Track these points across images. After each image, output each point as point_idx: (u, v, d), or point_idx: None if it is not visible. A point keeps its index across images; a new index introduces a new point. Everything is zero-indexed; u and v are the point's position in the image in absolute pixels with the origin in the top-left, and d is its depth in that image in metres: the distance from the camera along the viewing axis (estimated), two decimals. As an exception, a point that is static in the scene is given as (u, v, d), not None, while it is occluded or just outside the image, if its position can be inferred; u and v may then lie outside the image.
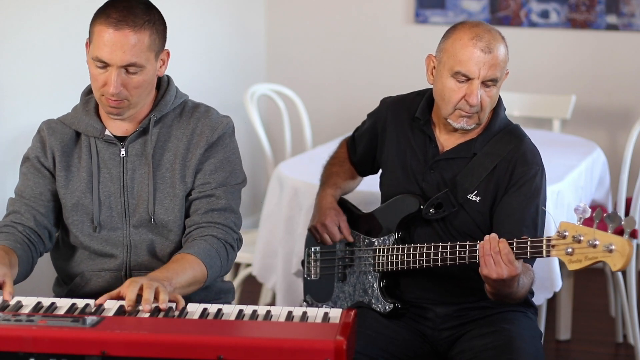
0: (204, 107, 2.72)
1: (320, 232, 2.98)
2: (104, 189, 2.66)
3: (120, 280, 2.65)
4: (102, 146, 2.67)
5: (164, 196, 2.65)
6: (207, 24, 5.28)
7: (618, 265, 2.37)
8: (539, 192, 2.77)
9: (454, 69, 2.72)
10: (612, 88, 5.37)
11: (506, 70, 2.78)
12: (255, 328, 2.18)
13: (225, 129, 2.69)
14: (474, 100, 2.71)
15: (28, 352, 2.08)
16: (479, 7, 5.45)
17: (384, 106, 3.01)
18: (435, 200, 2.80)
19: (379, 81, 5.64)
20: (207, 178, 2.66)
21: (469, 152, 2.81)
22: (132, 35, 2.51)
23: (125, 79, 2.54)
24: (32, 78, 3.88)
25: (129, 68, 2.53)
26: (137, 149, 2.66)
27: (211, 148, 2.66)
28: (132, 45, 2.51)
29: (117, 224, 2.66)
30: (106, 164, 2.66)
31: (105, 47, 2.52)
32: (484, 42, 2.70)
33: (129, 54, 2.51)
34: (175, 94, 2.70)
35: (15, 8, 3.77)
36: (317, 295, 3.06)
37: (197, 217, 2.65)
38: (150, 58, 2.57)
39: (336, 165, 3.14)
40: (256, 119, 4.72)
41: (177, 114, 2.70)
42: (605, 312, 4.70)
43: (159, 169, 2.65)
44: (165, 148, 2.66)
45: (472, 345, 2.76)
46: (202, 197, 2.66)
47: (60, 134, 2.68)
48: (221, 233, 2.63)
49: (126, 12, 2.52)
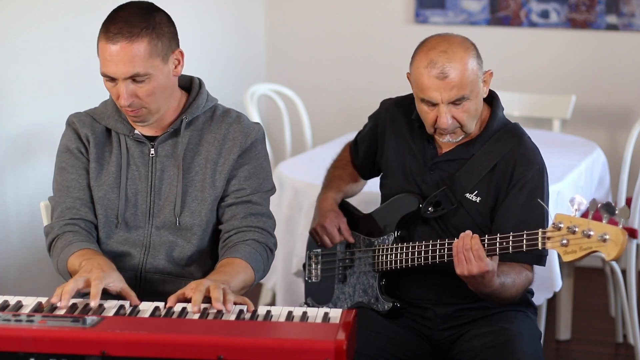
0: (235, 112, 2.72)
1: (320, 234, 2.98)
2: (132, 186, 2.66)
3: (133, 281, 2.64)
4: (131, 144, 2.67)
5: (191, 199, 2.64)
6: (207, 24, 5.28)
7: (612, 254, 2.37)
8: (542, 192, 2.77)
9: (419, 95, 2.74)
10: (612, 88, 5.37)
11: (486, 71, 2.76)
12: (255, 328, 2.18)
13: (258, 136, 2.69)
14: (443, 124, 2.71)
15: (28, 352, 2.08)
16: (479, 7, 5.45)
17: (384, 108, 3.01)
18: (433, 198, 2.80)
19: (379, 81, 5.64)
20: (242, 184, 2.66)
21: (468, 153, 2.81)
22: (129, 46, 2.50)
23: (134, 89, 2.53)
24: (32, 78, 3.88)
25: (135, 78, 2.52)
26: (167, 149, 2.66)
27: (244, 154, 2.66)
28: (131, 56, 2.50)
29: (140, 222, 2.66)
30: (135, 161, 2.66)
31: (108, 63, 2.52)
32: (438, 69, 2.67)
33: (129, 65, 2.50)
34: (206, 98, 2.70)
35: (15, 8, 3.77)
36: (318, 298, 3.06)
37: (236, 221, 2.64)
38: (155, 64, 2.54)
39: (339, 169, 3.14)
40: (256, 119, 4.73)
41: (208, 117, 2.69)
42: (605, 312, 4.70)
43: (189, 171, 2.65)
44: (197, 151, 2.66)
45: (472, 345, 2.76)
46: (240, 202, 2.65)
47: (91, 126, 2.68)
48: (262, 237, 2.64)
49: (122, 24, 2.51)
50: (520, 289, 2.73)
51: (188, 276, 2.66)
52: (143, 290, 2.63)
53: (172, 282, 2.66)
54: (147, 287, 2.65)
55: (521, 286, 2.72)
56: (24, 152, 3.82)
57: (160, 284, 2.66)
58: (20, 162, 3.80)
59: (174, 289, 2.62)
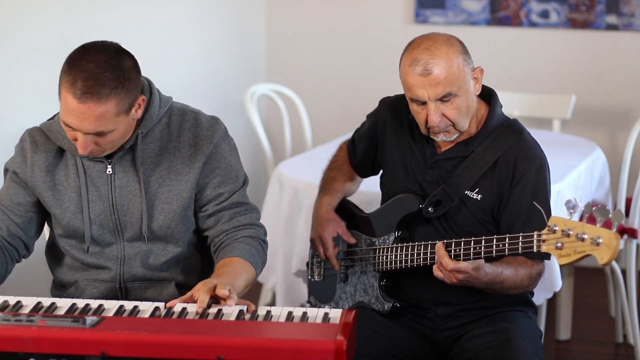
0: (191, 113, 2.64)
1: (316, 245, 3.00)
2: (94, 208, 2.60)
3: (115, 292, 2.64)
4: (88, 164, 2.60)
5: (158, 212, 2.60)
6: (207, 24, 5.28)
7: (605, 258, 2.36)
8: (545, 186, 2.77)
9: (407, 95, 2.74)
10: (612, 88, 5.37)
11: (476, 68, 2.75)
12: (255, 328, 2.18)
13: (219, 135, 2.62)
14: (433, 122, 2.71)
15: (28, 352, 2.08)
16: (479, 7, 5.44)
17: (383, 106, 3.01)
18: (433, 198, 2.80)
19: (379, 81, 5.63)
20: (218, 190, 2.63)
21: (467, 151, 2.81)
22: (97, 108, 2.38)
23: (95, 139, 2.45)
24: (31, 79, 3.88)
25: (98, 134, 2.43)
26: (124, 165, 2.58)
27: (210, 160, 2.61)
28: (97, 117, 2.39)
29: (110, 239, 2.63)
30: (94, 182, 2.60)
31: (70, 116, 2.41)
32: (421, 66, 2.67)
33: (94, 124, 2.40)
34: (159, 104, 2.59)
35: (15, 8, 3.77)
36: (321, 297, 3.07)
37: (223, 225, 2.63)
38: (120, 120, 2.44)
39: (334, 170, 3.14)
40: (256, 119, 4.72)
41: (164, 125, 2.61)
42: (605, 312, 4.70)
43: (150, 185, 2.59)
44: (157, 163, 2.59)
45: (472, 345, 2.76)
46: (222, 208, 2.63)
47: (44, 151, 2.61)
48: (252, 232, 2.64)
49: (92, 82, 2.37)
50: (527, 277, 2.71)
51: (168, 279, 2.66)
52: (127, 299, 2.61)
53: (153, 287, 2.66)
54: (130, 296, 2.65)
55: (527, 275, 2.71)
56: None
57: (142, 291, 2.66)
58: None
59: (155, 293, 2.64)
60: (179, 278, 2.68)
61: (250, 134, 5.13)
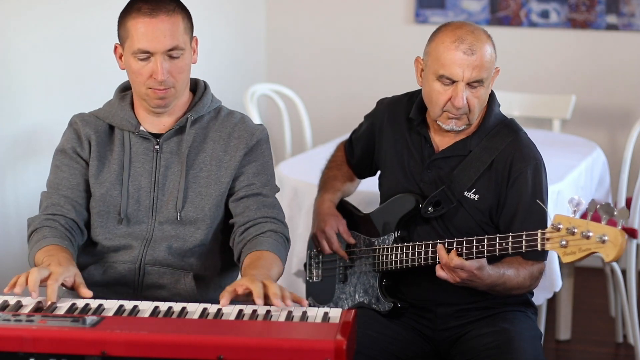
0: (239, 114, 2.76)
1: (319, 239, 2.99)
2: (134, 183, 2.67)
3: (133, 273, 2.66)
4: (136, 141, 2.69)
5: (195, 195, 2.66)
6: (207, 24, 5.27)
7: (611, 255, 2.37)
8: (541, 186, 2.77)
9: (438, 72, 2.72)
10: (612, 88, 5.37)
11: (495, 68, 2.78)
12: (255, 328, 2.18)
13: (262, 135, 2.73)
14: (459, 103, 2.71)
15: (28, 352, 2.08)
16: (479, 7, 5.45)
17: (381, 107, 3.01)
18: (432, 198, 2.80)
19: (379, 81, 5.64)
20: (252, 179, 2.69)
21: (465, 150, 2.82)
22: (168, 19, 2.56)
23: (169, 65, 2.58)
24: (33, 79, 3.88)
25: (172, 53, 2.57)
26: (171, 146, 2.68)
27: (251, 152, 2.69)
28: (171, 29, 2.56)
29: (143, 218, 2.67)
30: (139, 157, 2.68)
31: (145, 37, 2.55)
32: (467, 44, 2.70)
33: (170, 37, 2.56)
34: (211, 99, 2.74)
35: (16, 8, 3.77)
36: (319, 298, 3.06)
37: (250, 213, 2.67)
38: (187, 41, 2.62)
39: (334, 169, 3.14)
40: (256, 119, 4.72)
41: (212, 117, 2.73)
42: (605, 312, 4.70)
43: (192, 168, 2.67)
44: (201, 149, 2.69)
45: (473, 345, 2.76)
46: (251, 195, 2.68)
47: (94, 126, 2.70)
48: (278, 227, 2.67)
49: (155, 2, 2.57)
50: (528, 277, 2.72)
51: (187, 268, 2.68)
52: (142, 281, 2.67)
53: (171, 274, 2.67)
54: (146, 279, 2.67)
55: (528, 274, 2.72)
56: (24, 152, 3.82)
57: (159, 276, 2.67)
58: (21, 162, 3.80)
59: (172, 280, 2.65)
60: (199, 271, 2.69)
61: (250, 134, 5.13)
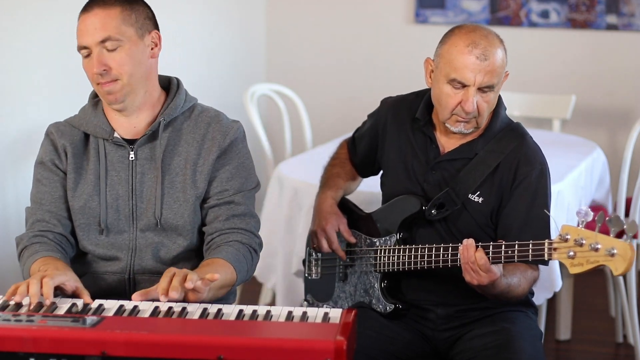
0: (214, 111, 2.71)
1: (319, 237, 2.98)
2: (112, 192, 2.65)
3: (124, 283, 2.66)
4: (110, 149, 2.66)
5: (173, 200, 2.63)
6: (207, 25, 5.28)
7: (620, 269, 2.36)
8: (545, 191, 2.77)
9: (449, 75, 2.71)
10: (612, 88, 5.37)
11: (505, 72, 2.78)
12: (255, 328, 2.18)
13: (237, 134, 2.68)
14: (469, 107, 2.71)
15: (28, 352, 2.08)
16: (479, 7, 5.45)
17: (385, 107, 3.01)
18: (437, 200, 2.80)
19: (379, 81, 5.64)
20: (224, 185, 2.65)
21: (471, 152, 2.81)
22: (102, 12, 2.54)
23: (107, 57, 2.54)
24: (31, 79, 3.88)
25: (106, 44, 2.54)
26: (146, 152, 2.65)
27: (224, 154, 2.66)
28: (102, 21, 2.53)
29: (124, 227, 2.65)
30: (115, 166, 2.65)
31: (80, 32, 2.56)
32: (480, 49, 2.69)
33: (100, 29, 2.53)
34: (185, 97, 2.69)
35: (15, 8, 3.77)
36: (318, 295, 3.06)
37: (218, 223, 2.64)
38: (127, 33, 2.55)
39: (337, 167, 3.13)
40: (256, 119, 4.72)
41: (186, 117, 2.69)
42: (605, 312, 4.70)
43: (168, 173, 2.64)
44: (175, 152, 2.65)
45: (473, 345, 2.76)
46: (222, 203, 2.65)
47: (70, 136, 2.67)
48: (245, 238, 2.63)
49: None
50: (527, 287, 2.73)
51: None
52: (134, 291, 2.63)
53: None
54: (138, 289, 2.64)
55: (527, 285, 2.72)
56: (24, 152, 3.82)
57: (150, 284, 2.65)
58: (21, 162, 3.80)
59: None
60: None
61: (250, 134, 5.11)
